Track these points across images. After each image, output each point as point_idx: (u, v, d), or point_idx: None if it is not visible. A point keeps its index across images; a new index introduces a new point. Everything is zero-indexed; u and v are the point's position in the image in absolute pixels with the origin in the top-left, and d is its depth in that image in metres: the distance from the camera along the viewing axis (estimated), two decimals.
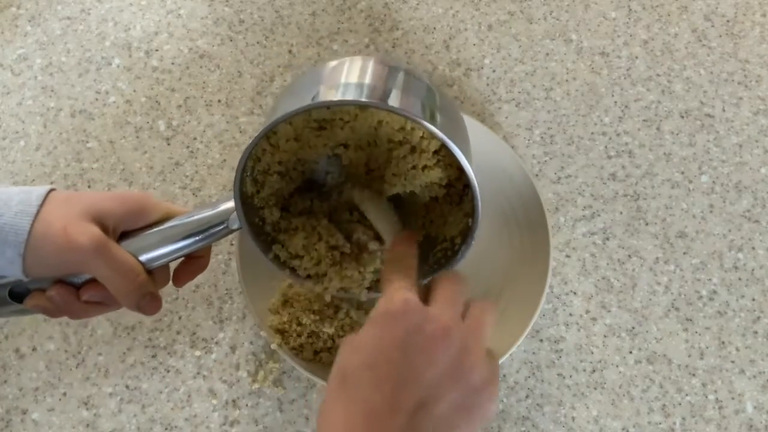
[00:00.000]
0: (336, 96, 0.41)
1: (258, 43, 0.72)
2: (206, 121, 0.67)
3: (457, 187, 0.49)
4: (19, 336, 0.57)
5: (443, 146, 0.44)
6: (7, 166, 0.64)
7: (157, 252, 0.46)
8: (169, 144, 0.66)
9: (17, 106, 0.67)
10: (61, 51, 0.71)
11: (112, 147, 0.66)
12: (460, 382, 0.38)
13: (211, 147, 0.66)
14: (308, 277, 0.50)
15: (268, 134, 0.46)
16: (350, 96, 0.41)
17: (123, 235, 0.46)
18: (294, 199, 0.51)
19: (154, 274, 0.47)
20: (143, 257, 0.46)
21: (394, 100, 0.40)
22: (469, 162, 0.42)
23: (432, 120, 0.40)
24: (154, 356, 0.57)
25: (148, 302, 0.46)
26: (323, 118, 0.47)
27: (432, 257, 0.50)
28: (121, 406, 0.55)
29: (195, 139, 0.66)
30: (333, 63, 0.43)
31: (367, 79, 0.41)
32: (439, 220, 0.50)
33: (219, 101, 0.68)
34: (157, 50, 0.71)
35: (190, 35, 0.72)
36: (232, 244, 0.61)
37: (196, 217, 0.47)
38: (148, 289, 0.46)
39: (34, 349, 0.57)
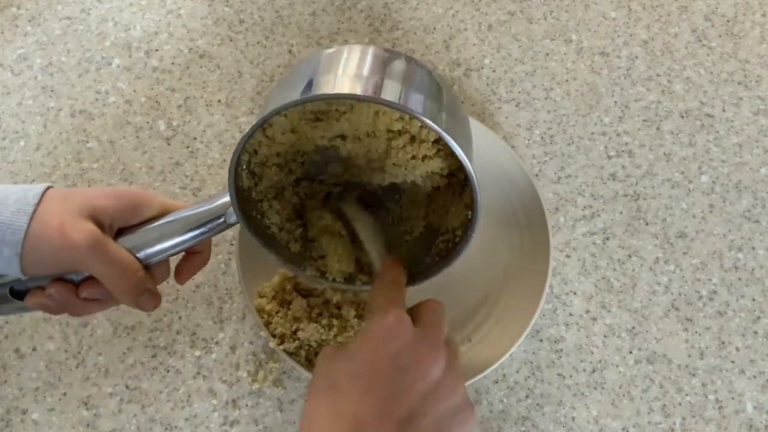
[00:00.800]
0: (331, 88, 0.39)
1: (258, 43, 0.72)
2: (206, 121, 0.67)
3: (459, 177, 0.48)
4: (19, 336, 0.57)
5: None
6: (7, 166, 0.64)
7: (155, 248, 0.46)
8: (169, 144, 0.66)
9: (17, 106, 0.67)
10: (61, 51, 0.70)
11: (112, 147, 0.66)
12: (446, 400, 0.40)
13: (211, 147, 0.66)
14: (307, 269, 0.51)
15: (264, 126, 0.45)
16: (346, 89, 0.39)
17: (120, 232, 0.46)
18: (294, 190, 0.51)
19: (153, 269, 0.47)
20: (140, 253, 0.45)
21: (390, 93, 0.38)
22: (469, 153, 0.40)
23: (430, 113, 0.39)
24: (154, 356, 0.57)
25: (147, 299, 0.46)
26: (319, 110, 0.45)
27: (434, 248, 0.49)
28: (121, 406, 0.55)
29: (195, 139, 0.66)
30: (330, 51, 0.41)
31: (365, 71, 0.39)
32: (441, 211, 0.49)
33: (219, 101, 0.68)
34: (157, 50, 0.71)
35: (190, 35, 0.72)
36: (232, 244, 0.61)
37: (193, 212, 0.46)
38: (145, 286, 0.46)
39: (34, 349, 0.57)
